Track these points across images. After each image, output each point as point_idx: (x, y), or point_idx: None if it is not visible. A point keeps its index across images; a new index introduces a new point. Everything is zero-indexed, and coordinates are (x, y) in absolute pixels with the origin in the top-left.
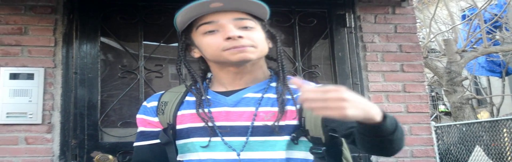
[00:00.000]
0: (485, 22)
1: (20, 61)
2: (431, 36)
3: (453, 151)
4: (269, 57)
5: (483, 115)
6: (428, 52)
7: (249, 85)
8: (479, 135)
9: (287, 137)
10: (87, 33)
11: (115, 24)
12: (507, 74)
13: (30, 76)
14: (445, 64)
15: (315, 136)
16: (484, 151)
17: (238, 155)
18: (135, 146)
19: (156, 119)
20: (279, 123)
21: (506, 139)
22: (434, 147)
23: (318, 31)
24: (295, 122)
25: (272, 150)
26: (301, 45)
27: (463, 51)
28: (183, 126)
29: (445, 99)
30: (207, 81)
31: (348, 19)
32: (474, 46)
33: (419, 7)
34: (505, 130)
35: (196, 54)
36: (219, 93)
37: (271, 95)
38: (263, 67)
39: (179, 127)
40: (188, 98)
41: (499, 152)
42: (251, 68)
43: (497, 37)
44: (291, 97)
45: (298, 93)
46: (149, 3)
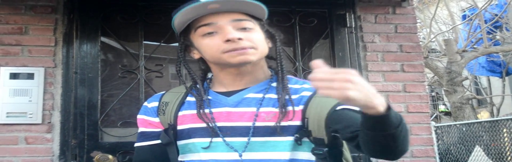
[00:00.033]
0: (485, 22)
1: (20, 61)
2: (432, 36)
3: (453, 151)
4: (269, 57)
5: (483, 115)
6: (428, 52)
7: (250, 85)
8: (479, 135)
9: (290, 138)
10: (87, 33)
11: (116, 24)
12: (507, 74)
13: (30, 76)
14: (446, 64)
15: (317, 137)
16: (484, 151)
17: (240, 155)
18: (136, 147)
19: (157, 120)
20: (280, 123)
21: (506, 139)
22: (434, 147)
23: (318, 31)
24: (298, 123)
25: (274, 151)
26: (301, 45)
27: (463, 51)
28: (184, 127)
29: (445, 99)
30: (208, 81)
31: (348, 19)
32: (475, 46)
33: (419, 7)
34: (505, 130)
35: (196, 55)
36: (220, 93)
37: (272, 96)
38: (264, 67)
39: (180, 127)
40: (189, 99)
41: (499, 152)
42: (251, 69)
43: (498, 37)
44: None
45: (300, 93)
46: (149, 3)
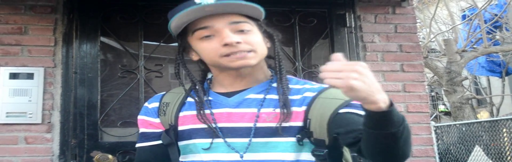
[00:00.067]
0: (485, 22)
1: (20, 61)
2: (431, 36)
3: (452, 151)
4: (268, 56)
5: (483, 115)
6: (428, 52)
7: (250, 86)
8: (479, 135)
9: (291, 139)
10: (87, 32)
11: (115, 23)
12: (507, 74)
13: (30, 76)
14: (445, 64)
15: (318, 138)
16: (483, 151)
17: (241, 156)
18: (137, 147)
19: (158, 120)
20: (282, 124)
21: (505, 139)
22: (433, 147)
23: (318, 31)
24: (299, 124)
25: (275, 152)
26: (301, 45)
27: (463, 51)
28: (185, 127)
29: (445, 99)
30: (208, 82)
31: (348, 19)
32: (474, 46)
33: (419, 7)
34: (504, 130)
35: (195, 57)
36: (220, 94)
37: (273, 96)
38: (264, 67)
39: (181, 128)
40: (190, 99)
41: (498, 152)
42: (251, 70)
43: (497, 37)
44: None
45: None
46: (149, 3)
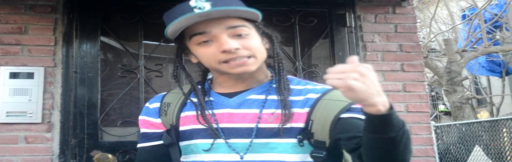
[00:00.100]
0: (485, 22)
1: (20, 60)
2: (431, 36)
3: (452, 151)
4: (267, 56)
5: (483, 115)
6: (428, 51)
7: (251, 87)
8: (479, 135)
9: (291, 140)
10: (87, 32)
11: (115, 23)
12: (507, 74)
13: (30, 75)
14: (445, 63)
15: (319, 139)
16: (483, 151)
17: (241, 157)
18: (138, 148)
19: (159, 121)
20: (284, 125)
21: (505, 139)
22: (433, 146)
23: (318, 30)
24: (301, 125)
25: (276, 152)
26: (301, 44)
27: (463, 51)
28: (186, 128)
29: (445, 98)
30: (208, 82)
31: (348, 19)
32: (474, 46)
33: (419, 7)
34: (504, 130)
35: (194, 60)
36: (221, 94)
37: (275, 97)
38: (263, 68)
39: (182, 128)
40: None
41: (498, 152)
42: (252, 73)
43: (497, 37)
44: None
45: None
46: (149, 3)
